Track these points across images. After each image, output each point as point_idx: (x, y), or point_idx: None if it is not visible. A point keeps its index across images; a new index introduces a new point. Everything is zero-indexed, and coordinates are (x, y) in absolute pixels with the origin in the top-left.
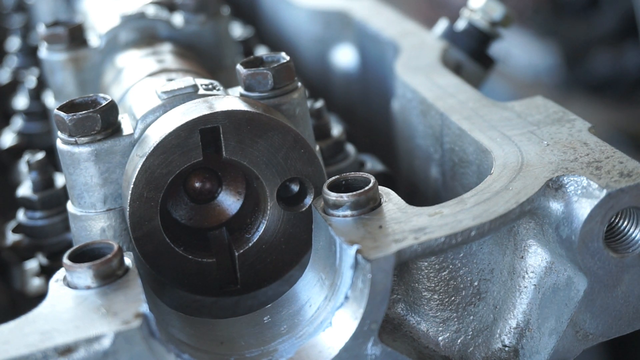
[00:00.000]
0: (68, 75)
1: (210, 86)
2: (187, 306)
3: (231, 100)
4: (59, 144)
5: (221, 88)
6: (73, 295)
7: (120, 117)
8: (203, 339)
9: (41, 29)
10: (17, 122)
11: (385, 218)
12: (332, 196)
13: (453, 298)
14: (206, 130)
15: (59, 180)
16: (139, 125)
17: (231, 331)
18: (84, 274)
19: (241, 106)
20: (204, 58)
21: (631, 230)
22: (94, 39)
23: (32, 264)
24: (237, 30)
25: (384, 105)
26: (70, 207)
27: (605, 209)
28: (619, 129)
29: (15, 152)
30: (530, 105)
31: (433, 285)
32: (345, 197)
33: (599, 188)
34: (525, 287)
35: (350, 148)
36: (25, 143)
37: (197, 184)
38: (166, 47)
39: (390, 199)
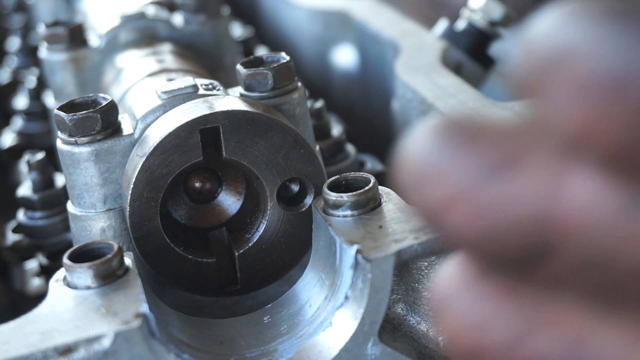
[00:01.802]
0: (68, 75)
1: (210, 86)
2: (187, 306)
3: (231, 100)
4: (59, 144)
5: (221, 88)
6: (73, 295)
7: (120, 117)
8: (203, 339)
9: (41, 29)
10: (17, 122)
11: (385, 218)
12: (332, 196)
13: None
14: (206, 130)
15: (59, 180)
16: (139, 125)
17: (231, 331)
18: (84, 274)
19: (241, 106)
20: (204, 58)
21: None
22: (94, 39)
23: (32, 264)
24: (237, 30)
25: (384, 105)
26: (70, 207)
27: None
28: None
29: (15, 152)
30: None
31: None
32: (345, 197)
33: None
34: None
35: (350, 148)
36: (25, 143)
37: (197, 184)
38: (166, 47)
39: (390, 199)
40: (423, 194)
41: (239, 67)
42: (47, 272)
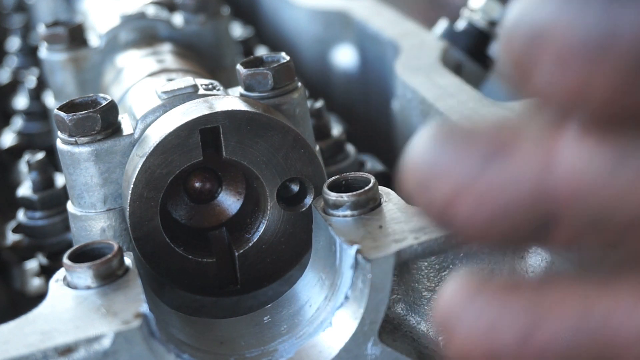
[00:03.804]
0: (68, 75)
1: (210, 86)
2: (187, 306)
3: (231, 100)
4: (59, 144)
5: (221, 88)
6: (73, 295)
7: (120, 117)
8: (203, 339)
9: (41, 29)
10: (17, 122)
11: (385, 218)
12: (332, 196)
13: None
14: (206, 130)
15: (59, 180)
16: (139, 125)
17: (231, 331)
18: (84, 274)
19: (241, 106)
20: (204, 58)
21: None
22: (94, 39)
23: (32, 264)
24: (237, 30)
25: (384, 105)
26: (70, 207)
27: None
28: None
29: (15, 152)
30: None
31: (433, 285)
32: (345, 197)
33: None
34: None
35: (350, 148)
36: (25, 143)
37: (197, 184)
38: (166, 47)
39: (390, 199)
40: (428, 195)
41: (239, 67)
42: (47, 272)
